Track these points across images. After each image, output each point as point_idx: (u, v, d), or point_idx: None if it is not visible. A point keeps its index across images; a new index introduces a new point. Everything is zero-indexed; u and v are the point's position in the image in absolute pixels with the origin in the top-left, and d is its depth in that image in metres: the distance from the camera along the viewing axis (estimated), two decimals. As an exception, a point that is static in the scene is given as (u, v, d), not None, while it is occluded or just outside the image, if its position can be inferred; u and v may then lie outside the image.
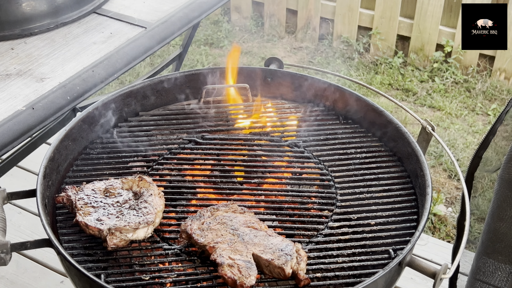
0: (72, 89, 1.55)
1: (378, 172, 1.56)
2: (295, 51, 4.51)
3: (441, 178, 3.25)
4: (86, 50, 1.71)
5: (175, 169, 1.56)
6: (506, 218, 1.53)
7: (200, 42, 4.53)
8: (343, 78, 1.92)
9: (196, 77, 1.79)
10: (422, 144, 1.61)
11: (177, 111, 1.77)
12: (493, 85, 4.00)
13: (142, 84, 1.73)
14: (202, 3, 1.94)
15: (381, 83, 4.04)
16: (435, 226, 2.94)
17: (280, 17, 4.63)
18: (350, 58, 4.33)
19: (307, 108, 1.79)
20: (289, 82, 1.81)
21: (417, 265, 1.25)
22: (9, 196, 1.38)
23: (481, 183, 1.69)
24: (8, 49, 1.70)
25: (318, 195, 1.49)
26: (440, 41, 4.15)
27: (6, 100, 1.49)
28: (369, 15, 4.31)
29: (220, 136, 1.69)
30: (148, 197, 1.35)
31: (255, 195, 1.48)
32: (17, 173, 2.72)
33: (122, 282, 1.23)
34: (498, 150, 1.59)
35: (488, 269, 1.62)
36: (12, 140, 1.40)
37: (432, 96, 3.93)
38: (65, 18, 1.82)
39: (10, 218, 2.48)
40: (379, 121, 1.66)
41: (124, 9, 1.93)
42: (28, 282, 2.28)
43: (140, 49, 1.74)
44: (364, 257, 1.31)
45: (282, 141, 1.67)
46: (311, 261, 1.29)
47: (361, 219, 1.42)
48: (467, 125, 3.68)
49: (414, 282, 2.31)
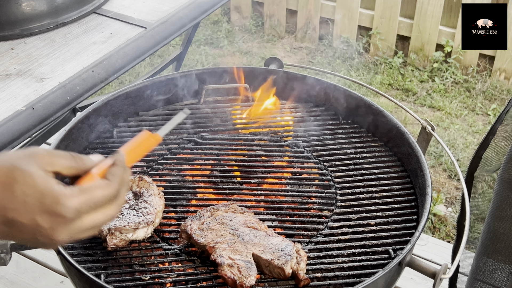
0: (72, 89, 1.54)
1: (378, 172, 1.56)
2: (295, 51, 4.51)
3: (441, 178, 3.25)
4: (86, 50, 1.71)
5: (175, 169, 1.56)
6: (506, 218, 1.53)
7: (200, 42, 4.53)
8: (343, 78, 1.92)
9: (196, 77, 1.79)
10: (422, 144, 1.61)
11: (177, 111, 1.77)
12: (493, 85, 4.00)
13: (142, 84, 1.73)
14: (202, 3, 1.94)
15: (381, 83, 4.04)
16: (435, 226, 2.94)
17: (280, 17, 4.63)
18: (350, 58, 4.33)
19: (307, 108, 1.79)
20: (289, 82, 1.81)
21: (417, 265, 1.25)
22: (9, 196, 1.37)
23: (481, 183, 1.69)
24: (8, 49, 1.70)
25: (318, 195, 1.49)
26: (440, 41, 4.15)
27: (6, 100, 1.49)
28: (369, 15, 4.31)
29: (220, 136, 1.69)
30: (148, 197, 1.35)
31: (255, 195, 1.48)
32: (17, 173, 2.72)
33: (122, 282, 1.23)
34: (498, 150, 1.59)
35: (488, 269, 1.62)
36: (12, 140, 1.39)
37: (432, 96, 3.93)
38: (65, 18, 1.82)
39: (10, 218, 2.49)
40: (379, 121, 1.66)
41: (124, 9, 1.93)
42: (28, 282, 2.28)
43: (140, 49, 1.73)
44: (364, 257, 1.31)
45: (282, 141, 1.67)
46: (311, 261, 1.29)
47: (361, 219, 1.42)
48: (467, 125, 3.68)
49: (414, 282, 2.32)
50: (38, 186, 0.73)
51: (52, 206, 0.73)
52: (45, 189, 0.73)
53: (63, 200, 0.74)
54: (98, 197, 0.77)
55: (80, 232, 0.77)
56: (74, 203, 0.74)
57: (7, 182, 0.73)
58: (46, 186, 0.74)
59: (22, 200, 0.72)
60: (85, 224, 0.76)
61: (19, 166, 0.74)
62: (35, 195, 0.73)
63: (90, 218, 0.77)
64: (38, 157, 0.76)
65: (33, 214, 0.72)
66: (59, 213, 0.73)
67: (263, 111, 1.78)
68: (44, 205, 0.72)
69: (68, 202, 0.74)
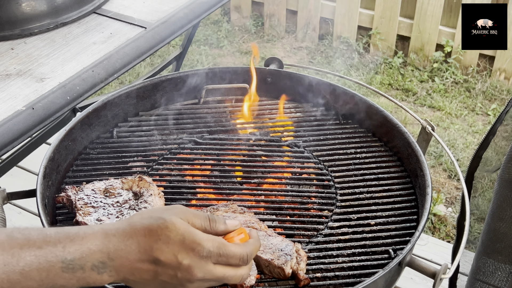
0: (72, 89, 1.54)
1: (378, 172, 1.56)
2: (295, 51, 4.51)
3: (441, 178, 3.25)
4: (86, 50, 1.71)
5: (175, 169, 1.56)
6: (506, 218, 1.53)
7: (200, 42, 4.53)
8: (343, 78, 1.92)
9: (196, 77, 1.79)
10: (422, 144, 1.61)
11: (177, 111, 1.77)
12: (493, 85, 4.00)
13: (142, 84, 1.73)
14: (202, 3, 1.94)
15: (381, 83, 4.04)
16: (435, 226, 2.95)
17: (280, 17, 4.63)
18: (350, 58, 4.33)
19: (307, 108, 1.79)
20: (289, 82, 1.81)
21: (417, 265, 1.25)
22: (9, 196, 1.38)
23: (481, 183, 1.69)
24: (8, 49, 1.70)
25: (318, 195, 1.49)
26: (440, 41, 4.15)
27: (6, 100, 1.49)
28: (369, 15, 4.31)
29: (220, 136, 1.69)
30: (148, 197, 1.35)
31: (255, 195, 1.48)
32: (17, 173, 2.72)
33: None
34: (498, 150, 1.59)
35: (488, 269, 1.62)
36: (12, 140, 1.39)
37: (432, 96, 3.93)
38: (65, 18, 1.82)
39: (10, 218, 2.49)
40: (379, 121, 1.66)
41: (124, 9, 1.93)
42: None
43: (140, 49, 1.73)
44: (364, 257, 1.31)
45: (282, 141, 1.67)
46: (311, 261, 1.29)
47: (361, 219, 1.42)
48: (467, 125, 3.68)
49: (414, 282, 2.32)
50: (180, 230, 0.87)
51: (191, 244, 0.86)
52: (185, 232, 0.87)
53: (200, 240, 0.87)
54: (230, 250, 0.90)
55: (212, 277, 0.89)
56: (209, 244, 0.88)
57: (153, 230, 0.86)
58: (186, 230, 0.87)
59: (165, 241, 0.86)
60: (217, 271, 0.89)
61: (163, 217, 0.87)
62: (177, 238, 0.86)
63: (222, 269, 0.90)
64: (179, 212, 0.90)
65: (174, 252, 0.86)
66: (197, 250, 0.87)
67: (263, 111, 1.78)
68: (184, 244, 0.86)
69: (204, 243, 0.87)
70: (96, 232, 0.86)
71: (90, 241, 0.85)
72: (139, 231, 0.86)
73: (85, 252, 0.84)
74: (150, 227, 0.86)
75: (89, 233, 0.86)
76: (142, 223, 0.87)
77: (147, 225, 0.87)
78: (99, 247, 0.85)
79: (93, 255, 0.85)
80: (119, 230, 0.87)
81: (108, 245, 0.85)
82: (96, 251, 0.85)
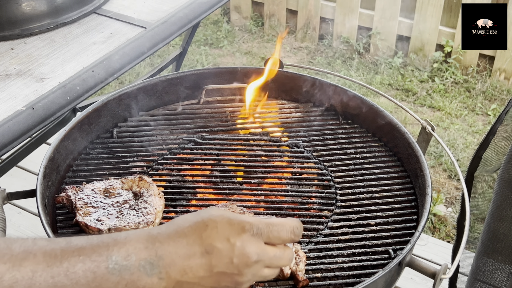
0: (72, 89, 1.55)
1: (378, 172, 1.56)
2: (295, 51, 4.51)
3: (441, 178, 3.26)
4: (86, 50, 1.71)
5: (175, 169, 1.56)
6: (506, 218, 1.53)
7: (200, 42, 4.54)
8: (343, 78, 1.92)
9: (196, 77, 1.79)
10: (422, 144, 1.61)
11: (177, 111, 1.77)
12: (493, 85, 4.00)
13: (142, 84, 1.73)
14: (202, 3, 1.94)
15: (381, 83, 4.04)
16: (435, 226, 2.95)
17: (280, 17, 4.63)
18: (350, 58, 4.33)
19: (307, 108, 1.79)
20: (289, 82, 1.81)
21: (417, 265, 1.25)
22: (9, 196, 1.38)
23: (481, 183, 1.69)
24: (8, 49, 1.70)
25: (318, 195, 1.49)
26: (440, 41, 4.15)
27: (6, 100, 1.49)
28: (369, 15, 4.31)
29: (220, 136, 1.69)
30: (148, 197, 1.35)
31: (255, 195, 1.48)
32: (17, 173, 2.72)
33: (122, 282, 1.23)
34: (498, 150, 1.59)
35: (488, 269, 1.62)
36: (12, 140, 1.39)
37: (432, 96, 3.94)
38: (65, 18, 1.82)
39: (10, 218, 2.49)
40: (379, 121, 1.66)
41: (124, 9, 1.93)
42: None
43: (140, 49, 1.74)
44: (364, 257, 1.31)
45: (282, 141, 1.67)
46: (310, 261, 1.29)
47: (361, 219, 1.42)
48: (467, 125, 3.68)
49: (414, 282, 2.32)
50: (224, 215, 0.87)
51: (239, 224, 0.86)
52: (230, 215, 0.87)
53: (247, 219, 0.88)
54: (279, 222, 0.90)
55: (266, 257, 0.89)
56: (257, 222, 0.88)
57: (198, 222, 0.86)
58: (231, 214, 0.88)
59: (214, 227, 0.85)
60: (269, 250, 0.89)
61: (203, 213, 0.88)
62: (224, 221, 0.86)
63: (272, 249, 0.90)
64: (215, 208, 0.95)
65: (225, 235, 0.85)
66: (247, 229, 0.86)
67: (263, 111, 1.78)
68: (232, 226, 0.86)
69: (252, 220, 0.88)
70: (139, 234, 0.84)
71: (134, 240, 0.82)
72: (185, 227, 0.85)
73: (130, 250, 0.81)
74: (195, 221, 0.86)
75: (132, 235, 0.83)
76: (185, 219, 0.87)
77: (190, 220, 0.86)
78: (145, 245, 0.82)
79: (139, 253, 0.81)
80: (162, 229, 0.85)
81: (154, 243, 0.82)
82: (142, 249, 0.81)
